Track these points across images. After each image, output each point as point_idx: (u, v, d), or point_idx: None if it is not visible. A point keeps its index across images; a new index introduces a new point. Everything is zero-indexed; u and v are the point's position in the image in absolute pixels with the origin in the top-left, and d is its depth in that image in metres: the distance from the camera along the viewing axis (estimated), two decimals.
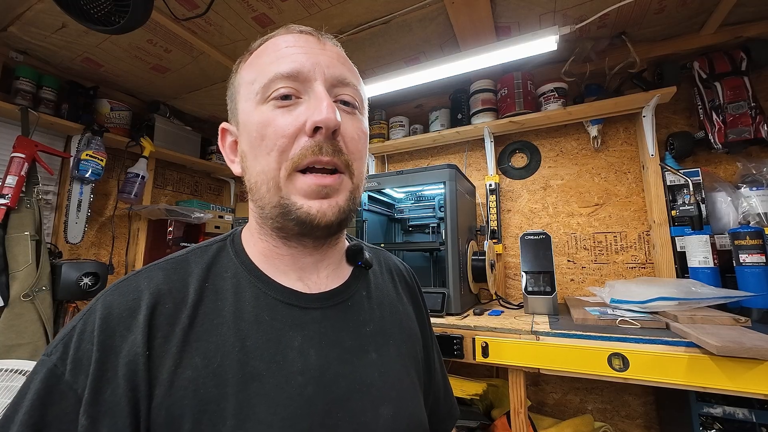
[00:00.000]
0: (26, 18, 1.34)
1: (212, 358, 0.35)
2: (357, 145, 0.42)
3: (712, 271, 1.19)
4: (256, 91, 0.40)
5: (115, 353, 0.33)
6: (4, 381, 0.99)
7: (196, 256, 0.43)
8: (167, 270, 0.40)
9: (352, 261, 0.51)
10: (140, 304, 0.36)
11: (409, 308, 0.55)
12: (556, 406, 1.55)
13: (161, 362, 0.34)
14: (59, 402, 0.31)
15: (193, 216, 1.94)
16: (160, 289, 0.38)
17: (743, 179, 1.32)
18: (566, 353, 0.92)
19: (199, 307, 0.38)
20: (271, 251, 0.44)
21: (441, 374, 0.60)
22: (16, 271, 1.36)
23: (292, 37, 0.42)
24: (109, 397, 0.31)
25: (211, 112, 2.24)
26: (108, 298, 0.37)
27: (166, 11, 1.28)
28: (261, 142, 0.39)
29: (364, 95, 0.48)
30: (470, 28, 1.39)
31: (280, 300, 0.41)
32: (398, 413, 0.42)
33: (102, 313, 0.35)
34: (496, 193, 1.73)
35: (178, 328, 0.36)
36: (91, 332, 0.34)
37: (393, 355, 0.46)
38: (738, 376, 0.76)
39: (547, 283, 1.21)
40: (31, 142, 1.49)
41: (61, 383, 0.32)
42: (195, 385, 0.34)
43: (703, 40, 1.42)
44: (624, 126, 1.61)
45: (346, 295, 0.46)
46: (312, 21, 1.37)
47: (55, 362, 0.33)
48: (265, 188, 0.40)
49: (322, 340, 0.41)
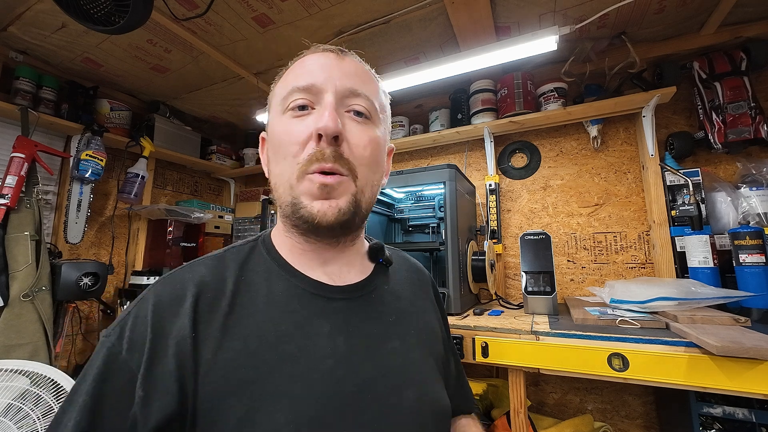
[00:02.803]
0: (26, 18, 1.34)
1: (250, 341, 0.39)
2: (363, 152, 0.45)
3: (712, 271, 1.19)
4: (279, 102, 0.46)
5: (165, 335, 0.38)
6: (4, 381, 0.99)
7: (231, 254, 0.48)
8: (208, 265, 0.45)
9: (373, 258, 0.55)
10: (186, 293, 0.41)
11: (426, 303, 0.59)
12: (556, 406, 1.55)
13: (205, 344, 0.38)
14: (117, 376, 0.36)
15: (193, 216, 1.94)
16: (203, 280, 0.43)
17: (743, 179, 1.32)
18: (566, 353, 0.92)
19: (236, 297, 0.43)
20: (296, 247, 0.48)
21: (456, 368, 0.63)
22: (16, 271, 1.36)
23: (316, 56, 0.47)
24: (160, 373, 0.36)
25: (211, 112, 2.24)
26: (158, 288, 0.42)
27: (166, 11, 1.28)
28: (279, 148, 0.45)
29: (382, 104, 0.51)
30: (470, 28, 1.39)
31: (308, 291, 0.45)
32: (422, 397, 0.44)
33: (154, 300, 0.40)
34: (496, 193, 1.73)
35: (218, 314, 0.40)
36: (145, 317, 0.38)
37: (414, 343, 0.49)
38: (738, 376, 0.76)
39: (547, 283, 1.21)
40: (31, 142, 1.49)
41: (118, 360, 0.36)
42: (235, 364, 0.38)
43: (703, 40, 1.42)
44: (624, 126, 1.61)
45: (369, 288, 0.50)
46: (312, 21, 1.37)
47: (113, 342, 0.38)
48: (281, 189, 0.45)
49: (348, 327, 0.44)
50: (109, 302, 1.89)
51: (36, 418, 0.97)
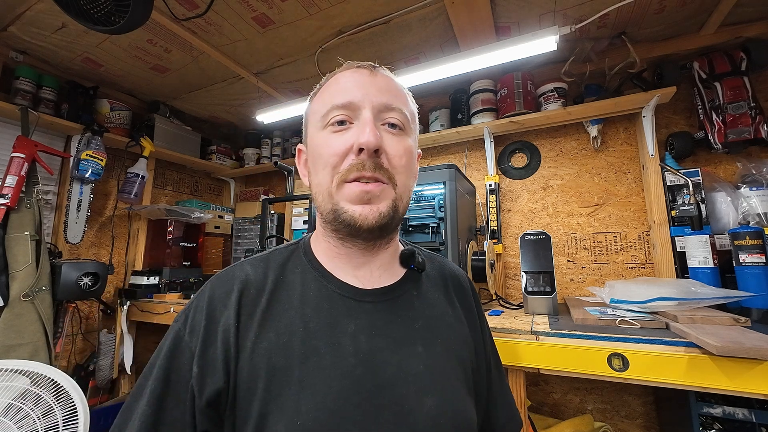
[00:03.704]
0: (26, 18, 1.34)
1: (282, 334, 0.44)
2: (400, 162, 0.48)
3: (712, 271, 1.19)
4: (318, 119, 0.50)
5: (216, 323, 0.44)
6: (4, 381, 0.99)
7: (275, 255, 0.53)
8: (254, 265, 0.51)
9: (405, 264, 0.56)
10: (233, 288, 0.47)
11: (459, 312, 0.57)
12: (556, 406, 1.55)
13: (246, 333, 0.44)
14: (181, 355, 0.43)
15: (193, 216, 1.94)
16: (249, 278, 0.48)
17: (743, 179, 1.32)
18: (566, 353, 0.92)
19: (274, 294, 0.48)
20: (331, 251, 0.52)
21: (499, 382, 0.59)
22: (16, 271, 1.36)
23: (350, 73, 0.51)
24: (211, 354, 0.42)
25: (211, 112, 2.24)
26: (214, 282, 0.49)
27: (166, 11, 1.28)
28: (319, 160, 0.48)
29: (413, 114, 0.55)
30: (470, 28, 1.39)
31: (338, 292, 0.49)
32: (442, 405, 0.44)
33: (209, 293, 0.47)
34: (496, 193, 1.73)
35: (258, 308, 0.46)
36: (202, 307, 0.46)
37: (440, 351, 0.49)
38: (738, 376, 0.76)
39: (547, 283, 1.21)
40: (31, 142, 1.49)
41: (183, 342, 0.44)
42: (269, 353, 0.43)
43: (703, 40, 1.42)
44: (624, 126, 1.61)
45: (397, 293, 0.52)
46: (312, 21, 1.37)
47: (179, 327, 0.45)
48: (321, 197, 0.49)
49: (372, 329, 0.47)
50: (109, 302, 1.89)
51: (36, 418, 0.97)
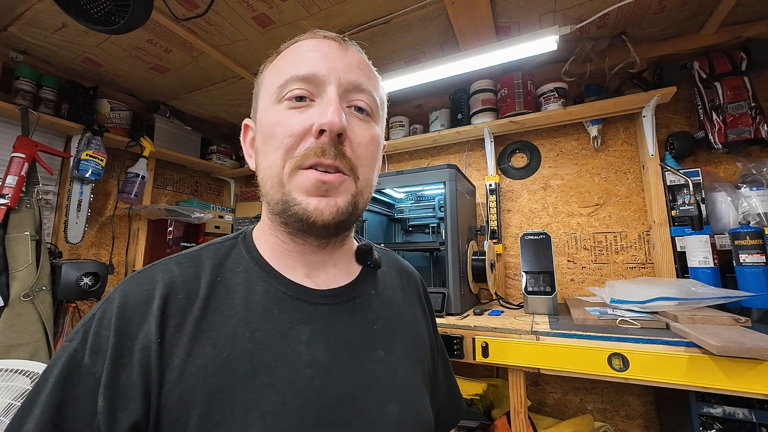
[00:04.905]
0: (26, 18, 1.34)
1: (222, 348, 0.36)
2: (365, 151, 0.43)
3: (712, 271, 1.19)
4: (273, 91, 0.42)
5: (131, 339, 0.35)
6: (4, 381, 0.99)
7: (209, 252, 0.44)
8: (181, 264, 0.42)
9: (361, 261, 0.52)
10: (154, 294, 0.37)
11: (416, 309, 0.56)
12: (556, 406, 1.55)
13: (173, 350, 0.35)
14: (79, 384, 0.33)
15: (193, 216, 1.94)
16: (174, 281, 0.39)
17: (743, 179, 1.32)
18: (566, 353, 0.92)
19: (211, 299, 0.39)
20: (280, 247, 0.45)
21: (444, 373, 0.60)
22: (16, 271, 1.36)
23: (315, 42, 0.44)
24: (124, 380, 0.33)
25: (211, 112, 2.24)
26: (125, 288, 0.38)
27: (166, 11, 1.28)
28: (271, 140, 0.41)
29: (382, 102, 0.48)
30: (470, 28, 1.39)
31: (288, 294, 0.42)
32: (405, 410, 0.42)
33: (119, 301, 0.37)
34: (496, 193, 1.73)
35: (189, 318, 0.37)
36: (109, 319, 0.35)
37: (400, 353, 0.46)
38: (738, 376, 0.76)
39: (547, 283, 1.21)
40: (31, 142, 1.49)
41: (81, 367, 0.33)
42: (205, 373, 0.35)
43: (703, 40, 1.42)
44: (624, 126, 1.61)
45: (354, 293, 0.47)
46: (312, 21, 1.37)
47: (75, 347, 0.35)
48: (269, 184, 0.41)
49: (330, 335, 0.41)
50: None
51: None
